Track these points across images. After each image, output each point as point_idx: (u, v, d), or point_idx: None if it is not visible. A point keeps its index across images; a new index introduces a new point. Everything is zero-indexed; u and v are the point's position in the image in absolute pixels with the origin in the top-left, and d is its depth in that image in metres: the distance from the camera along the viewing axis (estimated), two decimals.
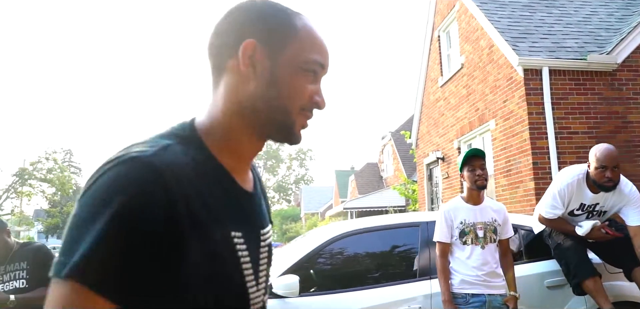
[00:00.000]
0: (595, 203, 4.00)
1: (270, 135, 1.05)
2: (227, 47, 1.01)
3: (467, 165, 3.80)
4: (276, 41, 1.00)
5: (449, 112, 12.13)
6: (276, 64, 1.00)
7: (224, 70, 1.02)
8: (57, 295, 0.81)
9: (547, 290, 3.99)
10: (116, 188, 0.83)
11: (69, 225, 0.85)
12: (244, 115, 1.01)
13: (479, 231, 3.74)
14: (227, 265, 0.95)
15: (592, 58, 8.67)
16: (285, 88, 1.00)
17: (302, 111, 1.02)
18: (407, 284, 4.04)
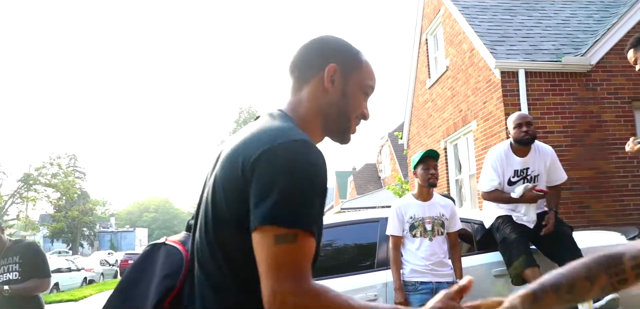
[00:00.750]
0: (526, 167, 4.43)
1: (332, 133, 1.46)
2: (312, 67, 1.42)
3: (422, 164, 4.18)
4: (349, 68, 1.43)
5: (436, 113, 12.48)
6: (347, 84, 1.43)
7: (308, 82, 1.42)
8: (300, 243, 1.17)
9: (494, 278, 4.33)
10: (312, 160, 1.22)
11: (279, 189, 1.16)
12: (320, 115, 1.42)
13: (427, 225, 4.10)
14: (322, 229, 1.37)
15: (567, 60, 9.00)
16: (351, 102, 1.43)
17: (355, 119, 1.46)
18: (366, 274, 4.40)
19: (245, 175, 1.20)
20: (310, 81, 1.42)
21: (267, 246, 1.16)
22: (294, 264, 1.16)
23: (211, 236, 1.29)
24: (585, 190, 8.66)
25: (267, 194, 1.16)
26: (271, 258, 1.16)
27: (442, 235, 4.12)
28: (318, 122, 1.42)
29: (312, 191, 1.20)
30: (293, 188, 1.17)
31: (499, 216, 4.43)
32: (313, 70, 1.42)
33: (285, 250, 1.15)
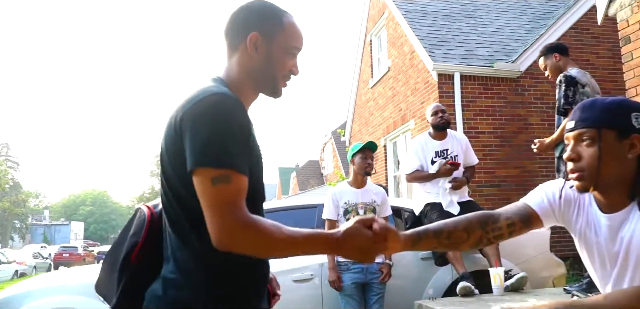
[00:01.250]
0: (445, 149, 4.96)
1: (263, 91, 1.62)
2: (239, 35, 1.58)
3: (361, 153, 4.52)
4: (271, 33, 1.57)
5: (377, 112, 12.93)
6: (271, 48, 1.57)
7: (237, 49, 1.58)
8: (235, 182, 1.35)
9: (420, 261, 4.71)
10: (227, 108, 1.39)
11: (206, 134, 1.35)
12: (249, 79, 1.58)
13: (360, 210, 4.44)
14: (260, 154, 1.57)
15: (499, 65, 9.59)
16: (276, 64, 1.58)
17: (283, 78, 1.61)
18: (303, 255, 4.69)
19: (177, 131, 1.40)
20: (239, 47, 1.58)
21: (206, 188, 1.35)
22: (231, 201, 1.34)
23: (166, 189, 1.48)
24: (512, 187, 9.25)
25: (194, 142, 1.35)
26: (211, 198, 1.34)
27: None
28: (248, 84, 1.59)
29: (232, 133, 1.37)
30: (214, 132, 1.35)
31: (428, 203, 4.82)
32: (239, 38, 1.58)
33: (221, 189, 1.33)
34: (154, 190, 48.36)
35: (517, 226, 1.78)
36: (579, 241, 1.82)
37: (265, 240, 1.37)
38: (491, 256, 4.41)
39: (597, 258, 1.75)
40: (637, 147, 1.59)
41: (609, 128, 1.59)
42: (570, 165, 1.66)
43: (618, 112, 1.61)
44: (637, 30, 5.02)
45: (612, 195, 1.65)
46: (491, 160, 9.40)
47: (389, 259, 4.44)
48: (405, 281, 4.71)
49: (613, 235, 1.67)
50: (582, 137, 1.63)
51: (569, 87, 4.15)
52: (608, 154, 1.59)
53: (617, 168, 1.60)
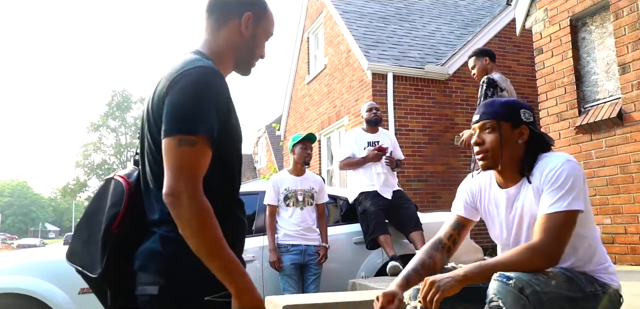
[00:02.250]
0: (376, 140, 5.44)
1: (240, 67, 1.75)
2: (231, 12, 1.69)
3: (301, 144, 4.87)
4: (259, 16, 1.73)
5: (312, 108, 13.32)
6: (256, 29, 1.72)
7: (226, 24, 1.69)
8: (199, 149, 1.42)
9: (354, 245, 5.10)
10: (205, 79, 1.49)
11: (182, 103, 1.44)
12: (233, 53, 1.70)
13: (299, 197, 4.78)
14: (239, 128, 1.65)
15: (429, 68, 10.19)
16: (258, 44, 1.74)
17: (256, 59, 1.76)
18: (245, 239, 4.97)
19: (161, 99, 1.50)
20: (229, 23, 1.69)
21: (172, 148, 1.42)
22: (191, 166, 1.42)
23: (155, 154, 1.54)
24: (438, 182, 9.87)
25: (169, 110, 1.45)
26: (174, 158, 1.42)
27: (312, 205, 4.82)
28: (230, 57, 1.71)
29: (204, 101, 1.46)
30: (189, 101, 1.45)
31: (362, 192, 5.22)
32: (231, 14, 1.69)
33: (185, 152, 1.41)
34: (78, 181, 46.70)
35: (456, 235, 2.31)
36: (485, 217, 2.31)
37: (200, 222, 1.41)
38: (417, 242, 4.86)
39: (498, 227, 2.22)
40: (525, 135, 2.11)
41: (505, 120, 2.10)
42: (477, 148, 2.14)
43: (511, 108, 2.13)
44: (548, 42, 5.62)
45: (507, 173, 2.13)
46: (420, 157, 9.98)
47: (325, 242, 4.81)
48: (339, 263, 5.08)
49: (509, 206, 2.15)
50: (485, 126, 2.13)
51: (490, 88, 4.68)
52: (505, 139, 2.08)
53: (511, 151, 2.09)
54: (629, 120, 4.67)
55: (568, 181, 1.92)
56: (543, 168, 2.02)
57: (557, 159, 2.02)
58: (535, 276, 1.86)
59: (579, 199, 1.92)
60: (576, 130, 5.22)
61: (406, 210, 5.13)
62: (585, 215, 2.04)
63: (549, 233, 1.88)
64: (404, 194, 5.41)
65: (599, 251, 2.12)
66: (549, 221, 1.89)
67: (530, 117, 2.13)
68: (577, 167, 1.98)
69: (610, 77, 5.05)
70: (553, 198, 1.92)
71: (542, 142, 2.13)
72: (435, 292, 1.87)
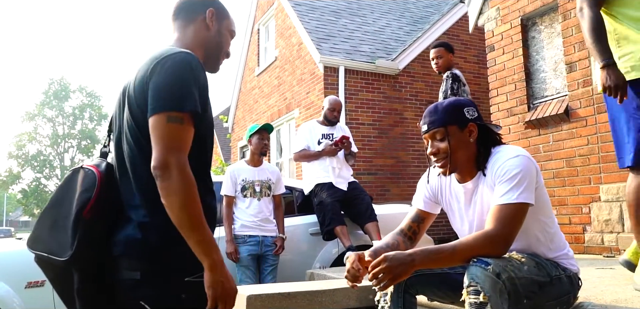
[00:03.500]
0: (331, 133, 5.48)
1: (209, 62, 1.84)
2: (196, 10, 1.82)
3: (258, 134, 4.84)
4: (221, 14, 1.86)
5: (262, 100, 13.24)
6: (221, 26, 1.85)
7: (193, 21, 1.81)
8: (186, 126, 1.52)
9: (310, 236, 5.12)
10: (187, 60, 1.58)
11: (168, 83, 1.53)
12: (203, 47, 1.81)
13: (256, 187, 4.76)
14: (212, 123, 1.74)
15: (380, 62, 10.30)
16: (223, 40, 1.86)
17: (223, 56, 1.88)
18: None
19: (143, 86, 1.57)
20: (196, 20, 1.82)
21: (161, 124, 1.51)
22: (180, 140, 1.51)
23: (136, 139, 1.60)
24: (387, 175, 10.02)
25: (156, 90, 1.53)
26: (163, 133, 1.50)
27: (269, 196, 4.81)
28: (200, 52, 1.79)
29: (188, 81, 1.55)
30: (175, 81, 1.54)
31: (318, 183, 5.24)
32: (196, 13, 1.82)
33: (173, 127, 1.50)
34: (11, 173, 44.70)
35: (415, 227, 2.40)
36: (447, 210, 2.40)
37: (187, 195, 1.48)
38: (372, 232, 4.93)
39: (459, 220, 2.32)
40: (474, 132, 2.19)
41: (452, 124, 2.18)
42: (433, 158, 2.22)
43: (455, 111, 2.21)
44: (500, 40, 5.80)
45: (464, 171, 2.22)
46: (369, 151, 10.09)
47: (282, 233, 4.80)
48: (296, 254, 5.10)
49: (468, 200, 2.24)
50: (436, 136, 2.20)
51: (455, 82, 4.85)
52: (456, 143, 2.17)
53: (465, 151, 2.18)
54: (575, 116, 4.88)
55: (517, 175, 2.00)
56: (495, 163, 2.10)
57: (507, 154, 2.10)
58: (510, 262, 1.94)
59: (528, 192, 2.00)
60: (525, 125, 5.41)
61: (361, 201, 5.18)
62: (544, 205, 2.15)
63: (500, 222, 1.95)
64: (358, 186, 5.46)
65: (560, 238, 2.23)
66: (500, 212, 1.97)
67: (474, 113, 2.21)
68: (526, 161, 2.05)
69: (558, 75, 5.26)
70: (503, 191, 2.00)
71: (492, 134, 2.21)
72: (386, 276, 1.90)
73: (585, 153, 4.79)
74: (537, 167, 2.11)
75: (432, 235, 6.63)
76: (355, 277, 2.13)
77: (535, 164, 2.11)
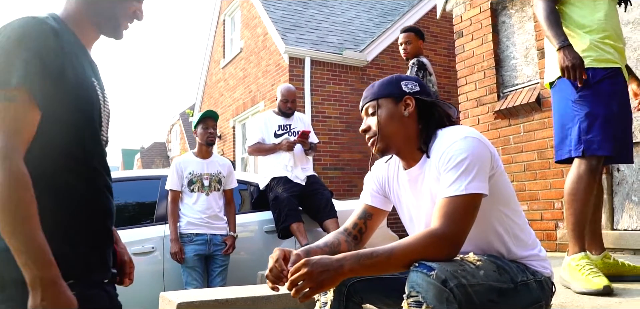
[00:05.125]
0: (289, 124, 5.07)
1: (104, 31, 1.54)
2: None
3: (202, 123, 4.43)
4: None
5: (227, 93, 12.80)
6: None
7: None
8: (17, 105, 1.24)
9: (265, 234, 4.74)
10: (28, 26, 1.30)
11: None
12: (89, 12, 1.50)
13: (205, 181, 4.35)
14: (92, 92, 1.45)
15: (347, 54, 9.96)
16: (116, 3, 1.52)
17: (125, 18, 1.54)
18: (144, 228, 4.49)
19: None
20: None
21: None
22: (8, 123, 1.24)
23: None
24: (354, 170, 9.68)
25: None
26: None
27: (219, 191, 4.41)
28: (87, 19, 1.52)
29: (20, 53, 1.27)
30: (5, 53, 1.27)
31: (273, 178, 4.85)
32: None
33: (3, 106, 1.25)
34: None
35: (362, 225, 2.03)
36: (395, 204, 2.03)
37: (8, 189, 1.20)
38: (331, 230, 4.56)
39: (407, 213, 1.95)
40: (411, 105, 1.85)
41: (385, 97, 1.86)
42: (366, 135, 1.89)
43: (391, 83, 1.89)
44: (469, 26, 5.48)
45: (405, 152, 1.87)
46: (336, 145, 9.75)
47: (233, 231, 4.41)
48: (249, 254, 4.72)
49: (414, 188, 1.87)
50: (368, 111, 1.89)
51: (420, 70, 4.57)
52: (386, 117, 1.84)
53: (400, 127, 1.83)
54: (547, 104, 4.58)
55: (464, 161, 1.63)
56: (439, 147, 1.74)
57: (453, 136, 1.72)
58: (461, 266, 1.57)
59: (479, 180, 1.63)
60: (495, 115, 5.10)
61: (320, 197, 4.81)
62: (505, 194, 1.79)
63: (447, 218, 1.59)
64: (318, 179, 5.09)
65: (528, 235, 1.86)
66: (447, 206, 1.61)
67: (415, 87, 1.88)
68: (476, 144, 1.68)
69: (529, 62, 4.96)
70: (449, 181, 1.64)
71: (437, 112, 1.86)
72: (307, 284, 1.53)
73: None
74: (493, 150, 1.74)
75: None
76: (277, 278, 1.74)
77: (490, 146, 1.74)
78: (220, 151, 12.96)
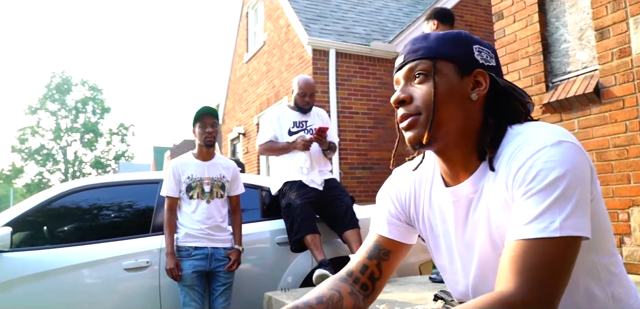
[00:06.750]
0: (304, 120, 4.49)
1: None
2: None
3: (199, 122, 3.85)
4: None
5: (251, 88, 12.27)
6: None
7: None
8: None
9: (277, 246, 4.15)
10: None
11: None
12: None
13: (205, 186, 3.78)
14: None
15: (375, 45, 9.31)
16: None
17: None
18: (140, 239, 3.95)
19: None
20: None
21: None
22: None
23: None
24: (385, 170, 9.02)
25: None
26: None
27: (222, 197, 3.83)
28: None
29: None
30: None
31: (287, 182, 4.27)
32: None
33: None
34: (15, 167, 44.44)
35: (374, 267, 1.36)
36: (425, 236, 1.36)
37: None
38: (353, 243, 3.96)
39: (447, 255, 1.28)
40: (484, 84, 1.18)
41: (446, 60, 1.18)
42: (401, 110, 1.20)
43: (458, 42, 1.21)
44: (510, 5, 4.78)
45: (456, 157, 1.19)
46: (364, 142, 9.12)
47: (238, 243, 3.84)
48: (259, 269, 4.15)
49: (460, 216, 1.21)
50: (414, 73, 1.20)
51: None
52: (447, 92, 1.16)
53: (459, 113, 1.16)
54: (608, 96, 3.87)
55: (560, 182, 0.98)
56: (515, 152, 1.07)
57: (539, 137, 1.05)
58: None
59: (580, 215, 0.98)
60: (543, 109, 4.40)
61: (340, 204, 4.19)
62: (603, 233, 1.12)
63: (529, 276, 0.95)
64: (338, 184, 4.48)
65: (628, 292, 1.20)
66: (528, 256, 0.96)
67: (491, 60, 1.22)
68: (575, 154, 1.03)
69: (584, 45, 4.23)
70: (532, 212, 0.99)
71: (513, 103, 1.19)
72: None
73: (622, 142, 3.75)
74: (591, 163, 1.09)
75: None
76: None
77: (588, 158, 1.08)
78: (244, 148, 12.44)
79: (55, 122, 46.70)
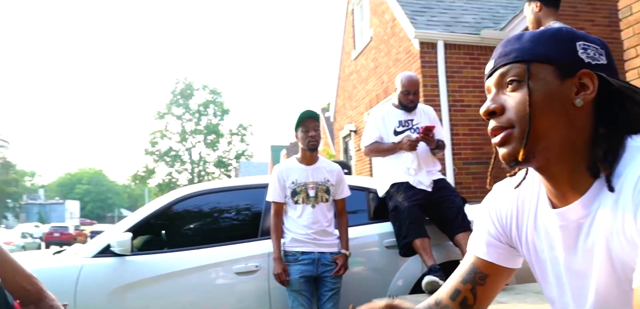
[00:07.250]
0: (410, 119, 4.33)
1: None
2: None
3: (301, 126, 3.85)
4: None
5: (360, 85, 12.24)
6: None
7: None
8: None
9: (386, 249, 4.06)
10: None
11: None
12: None
13: (310, 191, 3.77)
14: None
15: (486, 33, 8.89)
16: None
17: None
18: (249, 243, 4.04)
19: None
20: None
21: None
22: None
23: None
24: (500, 164, 8.62)
25: None
26: None
27: (327, 201, 3.81)
28: None
29: None
30: None
31: (394, 184, 4.17)
32: None
33: None
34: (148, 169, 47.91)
35: (468, 292, 1.23)
36: (531, 262, 1.20)
37: None
38: (464, 246, 3.74)
39: (555, 285, 1.12)
40: (591, 87, 1.00)
41: (543, 62, 1.02)
42: (492, 123, 1.07)
43: (558, 39, 1.04)
44: None
45: (563, 174, 1.03)
46: (478, 136, 8.75)
47: (345, 248, 3.80)
48: (368, 272, 4.09)
49: (570, 242, 1.05)
50: (506, 79, 1.05)
51: None
52: (544, 99, 1.00)
53: (562, 122, 1.00)
54: None
55: None
56: (635, 171, 0.92)
57: None
58: None
59: None
60: None
61: (450, 205, 4.01)
62: None
63: None
64: (447, 184, 4.29)
65: None
66: None
67: (600, 57, 1.04)
68: None
69: None
70: None
71: (631, 109, 1.00)
72: None
73: None
74: None
75: None
76: None
77: None
78: (356, 146, 12.44)
79: (180, 125, 49.75)
